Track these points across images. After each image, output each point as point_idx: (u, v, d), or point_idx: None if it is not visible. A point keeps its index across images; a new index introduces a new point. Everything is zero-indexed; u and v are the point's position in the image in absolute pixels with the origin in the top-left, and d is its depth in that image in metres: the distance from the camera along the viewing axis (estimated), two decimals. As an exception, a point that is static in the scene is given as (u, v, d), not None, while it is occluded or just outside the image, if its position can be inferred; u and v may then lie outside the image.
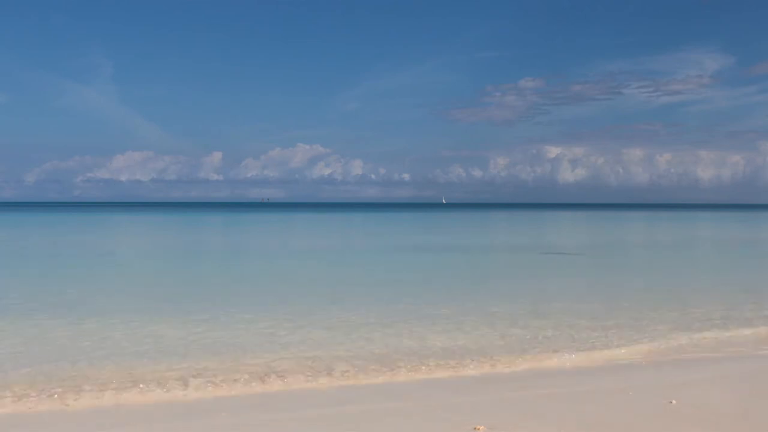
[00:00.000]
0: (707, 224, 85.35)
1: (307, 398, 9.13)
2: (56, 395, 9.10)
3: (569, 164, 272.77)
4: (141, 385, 9.55)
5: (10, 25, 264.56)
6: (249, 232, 63.27)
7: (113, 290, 20.58)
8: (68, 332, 13.34)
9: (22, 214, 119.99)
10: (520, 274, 26.20)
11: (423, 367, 10.67)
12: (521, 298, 18.27)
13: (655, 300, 18.13)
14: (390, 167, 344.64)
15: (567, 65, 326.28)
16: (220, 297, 18.67)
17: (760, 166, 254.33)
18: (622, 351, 11.84)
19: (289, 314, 15.36)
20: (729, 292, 19.86)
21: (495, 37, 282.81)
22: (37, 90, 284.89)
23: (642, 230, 70.26)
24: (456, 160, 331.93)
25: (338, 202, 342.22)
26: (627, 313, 15.83)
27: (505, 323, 14.42)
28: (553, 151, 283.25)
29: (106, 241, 49.94)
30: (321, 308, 16.38)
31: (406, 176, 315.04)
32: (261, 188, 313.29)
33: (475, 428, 7.53)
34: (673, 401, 8.53)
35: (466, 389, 9.42)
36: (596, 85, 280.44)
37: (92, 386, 9.47)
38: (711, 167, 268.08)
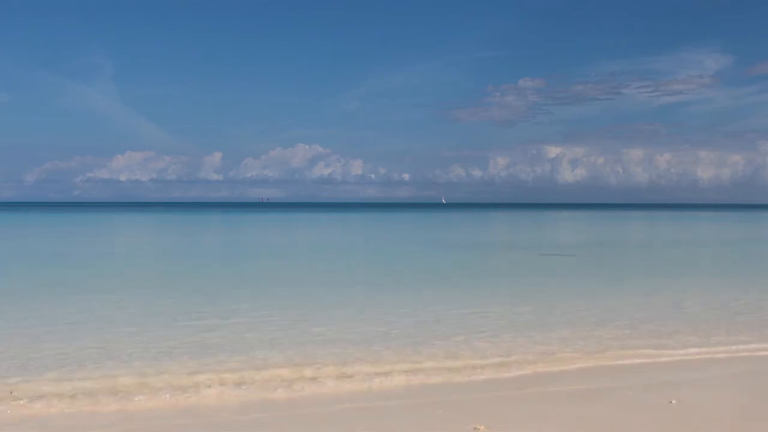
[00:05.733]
0: (707, 224, 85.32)
1: (307, 396, 9.13)
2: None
3: (569, 164, 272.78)
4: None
5: (10, 25, 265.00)
6: (250, 233, 63.27)
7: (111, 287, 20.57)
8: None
9: (22, 214, 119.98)
10: (520, 275, 26.17)
11: (423, 367, 10.66)
12: (519, 299, 18.27)
13: (653, 300, 18.14)
14: (390, 167, 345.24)
15: (567, 65, 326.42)
16: (220, 297, 18.66)
17: (760, 166, 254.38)
18: (622, 351, 11.83)
19: (288, 314, 15.37)
20: (729, 292, 19.83)
21: (495, 37, 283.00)
22: (37, 90, 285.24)
23: (642, 230, 70.25)
24: (456, 160, 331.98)
25: (338, 202, 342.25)
26: (626, 313, 15.82)
27: (504, 323, 14.43)
28: (553, 151, 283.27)
29: (105, 241, 49.93)
30: (321, 307, 16.39)
31: (406, 176, 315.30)
32: (261, 188, 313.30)
33: (475, 428, 7.53)
34: (673, 401, 8.53)
35: (465, 389, 9.41)
36: (596, 85, 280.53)
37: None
38: (711, 167, 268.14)
